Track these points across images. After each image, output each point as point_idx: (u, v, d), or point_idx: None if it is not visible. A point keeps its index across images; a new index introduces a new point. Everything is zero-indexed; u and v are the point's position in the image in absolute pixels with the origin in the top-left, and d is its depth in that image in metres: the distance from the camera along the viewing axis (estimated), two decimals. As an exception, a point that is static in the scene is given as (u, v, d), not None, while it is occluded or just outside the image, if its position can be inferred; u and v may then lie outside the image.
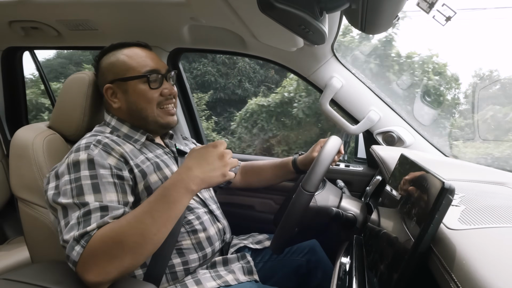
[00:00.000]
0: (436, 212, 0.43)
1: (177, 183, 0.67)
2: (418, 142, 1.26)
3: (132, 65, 0.86)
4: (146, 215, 0.65)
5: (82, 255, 0.62)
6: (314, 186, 0.76)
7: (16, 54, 1.62)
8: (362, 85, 1.28)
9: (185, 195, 0.67)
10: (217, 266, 0.87)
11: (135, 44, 0.90)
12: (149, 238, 0.64)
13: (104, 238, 0.63)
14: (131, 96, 0.86)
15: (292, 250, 1.04)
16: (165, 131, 0.96)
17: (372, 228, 0.73)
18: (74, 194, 0.69)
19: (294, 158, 1.10)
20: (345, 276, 0.70)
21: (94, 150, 0.75)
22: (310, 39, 0.74)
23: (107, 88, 0.87)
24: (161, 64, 0.89)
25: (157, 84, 0.87)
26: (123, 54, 0.87)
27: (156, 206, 0.65)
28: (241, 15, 0.94)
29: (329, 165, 0.80)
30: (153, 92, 0.86)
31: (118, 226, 0.64)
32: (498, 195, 0.64)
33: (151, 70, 0.86)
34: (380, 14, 0.66)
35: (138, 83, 0.86)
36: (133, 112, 0.87)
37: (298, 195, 0.76)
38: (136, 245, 0.63)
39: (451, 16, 0.83)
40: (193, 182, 0.67)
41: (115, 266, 0.62)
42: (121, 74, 0.86)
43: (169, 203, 0.66)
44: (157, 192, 0.67)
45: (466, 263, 0.38)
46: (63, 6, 1.11)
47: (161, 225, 0.65)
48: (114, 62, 0.87)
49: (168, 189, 0.66)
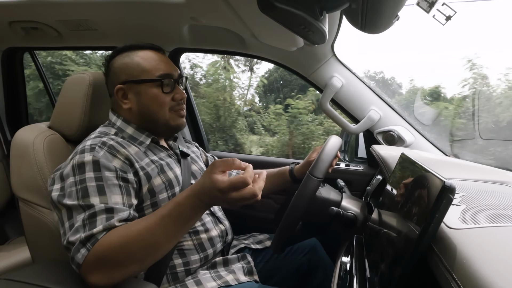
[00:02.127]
0: (437, 211, 0.43)
1: (191, 200, 0.64)
2: (419, 142, 1.26)
3: (146, 68, 0.85)
4: (158, 229, 0.63)
5: (86, 257, 0.62)
6: (321, 172, 0.77)
7: (16, 54, 1.62)
8: (362, 85, 1.28)
9: (197, 212, 0.66)
10: (218, 267, 0.87)
11: (150, 47, 0.90)
12: (159, 249, 0.65)
13: (112, 245, 0.62)
14: (144, 98, 0.86)
15: (292, 249, 1.04)
16: (174, 133, 0.96)
17: (372, 227, 0.73)
18: (80, 196, 0.69)
19: (290, 167, 1.10)
20: (345, 276, 0.70)
21: (100, 152, 0.74)
22: (310, 38, 0.74)
23: (118, 89, 0.86)
24: (174, 69, 0.90)
25: (169, 88, 0.87)
26: (138, 56, 0.87)
27: (169, 221, 0.64)
28: (241, 15, 0.94)
29: (335, 154, 0.81)
30: (165, 96, 0.86)
31: (128, 235, 0.63)
32: (499, 194, 0.64)
33: (164, 74, 0.86)
34: (380, 13, 0.66)
35: (151, 86, 0.85)
36: (144, 114, 0.87)
37: (306, 181, 0.76)
38: (145, 256, 0.64)
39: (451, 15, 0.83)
40: (204, 202, 0.64)
41: (121, 273, 0.63)
42: (134, 76, 0.85)
43: (182, 218, 0.64)
44: (170, 206, 0.65)
45: (467, 262, 0.38)
46: (63, 7, 1.11)
47: (172, 238, 0.65)
48: (128, 63, 0.86)
49: (182, 205, 0.64)
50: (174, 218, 0.64)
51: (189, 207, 0.64)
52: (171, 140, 0.98)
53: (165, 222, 0.64)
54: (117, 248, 0.62)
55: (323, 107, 1.32)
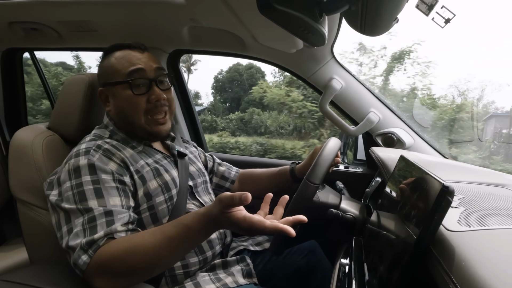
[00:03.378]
0: (436, 214, 0.43)
1: (205, 229, 0.62)
2: (418, 144, 1.26)
3: (117, 68, 0.82)
4: (165, 249, 0.62)
5: (89, 264, 0.62)
6: (318, 178, 0.76)
7: (16, 55, 1.62)
8: (361, 87, 1.28)
9: (207, 235, 0.64)
10: (217, 269, 0.87)
11: (128, 45, 0.86)
12: (163, 266, 0.66)
13: (115, 257, 0.62)
14: (118, 101, 0.83)
15: (291, 251, 1.03)
16: (158, 140, 0.92)
17: (371, 229, 0.73)
18: (77, 200, 0.68)
19: (291, 166, 1.09)
20: (344, 278, 0.70)
21: (95, 156, 0.74)
22: (309, 40, 0.74)
23: (100, 92, 0.86)
24: (149, 66, 0.83)
25: (143, 89, 0.81)
26: (114, 57, 0.84)
27: (177, 243, 0.62)
28: (241, 17, 0.94)
29: (332, 159, 0.80)
30: (138, 99, 0.81)
31: (133, 251, 0.62)
32: (497, 197, 0.64)
33: (133, 70, 0.81)
34: (379, 16, 0.66)
35: (123, 88, 0.81)
36: (122, 118, 0.85)
37: (302, 187, 0.76)
38: (149, 271, 0.64)
39: (450, 18, 0.83)
40: (217, 228, 0.63)
41: (124, 283, 0.63)
42: (109, 78, 0.83)
43: (191, 241, 0.63)
44: (180, 230, 0.62)
45: (466, 265, 0.38)
46: (63, 7, 1.11)
47: (179, 257, 0.67)
48: (105, 65, 0.86)
49: (194, 230, 0.61)
50: (183, 241, 0.62)
51: (200, 233, 0.62)
52: (169, 140, 0.97)
53: (173, 244, 0.62)
54: (120, 261, 0.62)
55: (322, 109, 1.32)
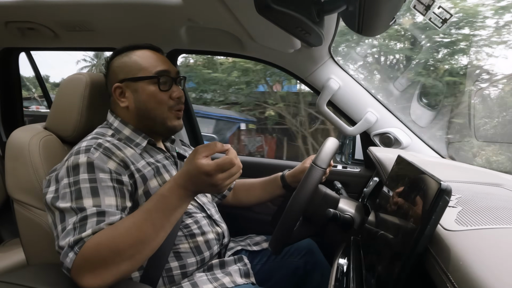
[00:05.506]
0: (433, 213, 0.43)
1: (175, 191, 0.66)
2: (415, 144, 1.26)
3: (143, 66, 0.86)
4: (145, 223, 0.64)
5: (75, 261, 0.62)
6: (325, 162, 0.78)
7: (12, 55, 1.61)
8: (359, 87, 1.28)
9: (184, 201, 0.67)
10: (214, 269, 0.87)
11: (148, 46, 0.91)
12: (148, 244, 0.65)
13: (99, 246, 0.62)
14: (141, 96, 0.86)
15: (289, 251, 1.03)
16: (170, 134, 0.96)
17: (369, 229, 0.73)
18: (73, 197, 0.69)
19: (282, 173, 1.10)
20: (342, 278, 0.70)
21: (95, 154, 0.74)
22: (307, 40, 0.74)
23: (116, 87, 0.87)
24: (172, 68, 0.90)
25: (167, 86, 0.87)
26: (136, 55, 0.88)
27: (155, 214, 0.65)
28: (238, 17, 0.94)
29: (337, 147, 0.82)
30: (163, 94, 0.86)
31: (116, 234, 0.64)
32: (495, 196, 0.65)
33: (162, 71, 0.86)
34: (377, 16, 0.66)
35: (148, 84, 0.86)
36: (141, 113, 0.87)
37: (310, 171, 0.77)
38: (135, 252, 0.64)
39: (447, 18, 0.84)
40: (189, 190, 0.67)
41: (112, 273, 0.63)
42: (132, 74, 0.86)
43: (168, 209, 0.66)
44: (155, 199, 0.67)
45: (463, 264, 0.38)
46: (59, 7, 1.10)
47: (160, 230, 0.65)
48: (126, 62, 0.87)
49: (166, 196, 0.66)
50: (160, 211, 0.65)
51: (175, 198, 0.65)
52: (169, 142, 0.98)
53: (152, 216, 0.64)
54: (104, 247, 0.62)
55: (320, 109, 1.32)
